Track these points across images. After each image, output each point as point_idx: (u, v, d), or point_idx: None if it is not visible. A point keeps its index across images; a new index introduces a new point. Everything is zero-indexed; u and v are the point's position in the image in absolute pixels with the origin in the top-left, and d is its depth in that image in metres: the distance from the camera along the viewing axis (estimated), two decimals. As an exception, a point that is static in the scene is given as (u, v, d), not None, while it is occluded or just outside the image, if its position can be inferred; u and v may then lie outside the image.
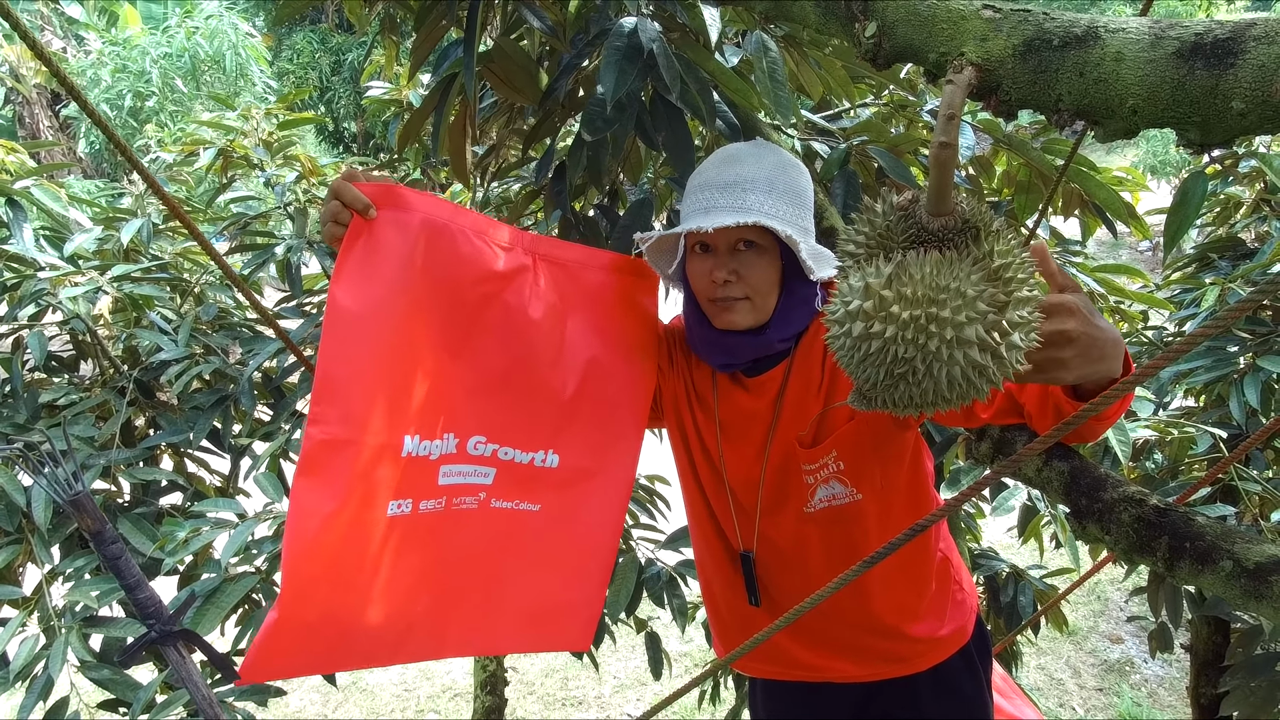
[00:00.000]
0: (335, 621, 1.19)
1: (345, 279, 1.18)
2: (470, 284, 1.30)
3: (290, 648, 1.16)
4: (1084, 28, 0.69)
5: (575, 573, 1.48)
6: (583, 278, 1.45)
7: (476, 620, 1.39)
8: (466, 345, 1.32)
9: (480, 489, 1.35)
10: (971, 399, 0.79)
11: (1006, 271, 0.76)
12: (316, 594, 1.15)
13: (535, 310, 1.38)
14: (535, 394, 1.40)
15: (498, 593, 1.41)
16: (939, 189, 0.76)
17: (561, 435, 1.43)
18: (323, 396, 1.16)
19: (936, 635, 1.55)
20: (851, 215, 0.95)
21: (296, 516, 1.13)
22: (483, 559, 1.38)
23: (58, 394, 2.23)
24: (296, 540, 1.12)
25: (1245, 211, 2.61)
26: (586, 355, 1.44)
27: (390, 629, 1.25)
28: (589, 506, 1.47)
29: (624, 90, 1.33)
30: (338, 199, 1.20)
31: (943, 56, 0.76)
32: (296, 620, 1.14)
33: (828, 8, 0.85)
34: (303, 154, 2.51)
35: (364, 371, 1.19)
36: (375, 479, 1.20)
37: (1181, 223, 0.95)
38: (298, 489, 1.14)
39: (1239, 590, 0.91)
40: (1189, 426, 2.23)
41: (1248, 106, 0.61)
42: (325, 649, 1.20)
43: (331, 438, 1.16)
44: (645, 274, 1.53)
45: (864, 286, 0.76)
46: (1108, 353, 0.98)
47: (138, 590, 0.98)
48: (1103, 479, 1.11)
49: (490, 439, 1.35)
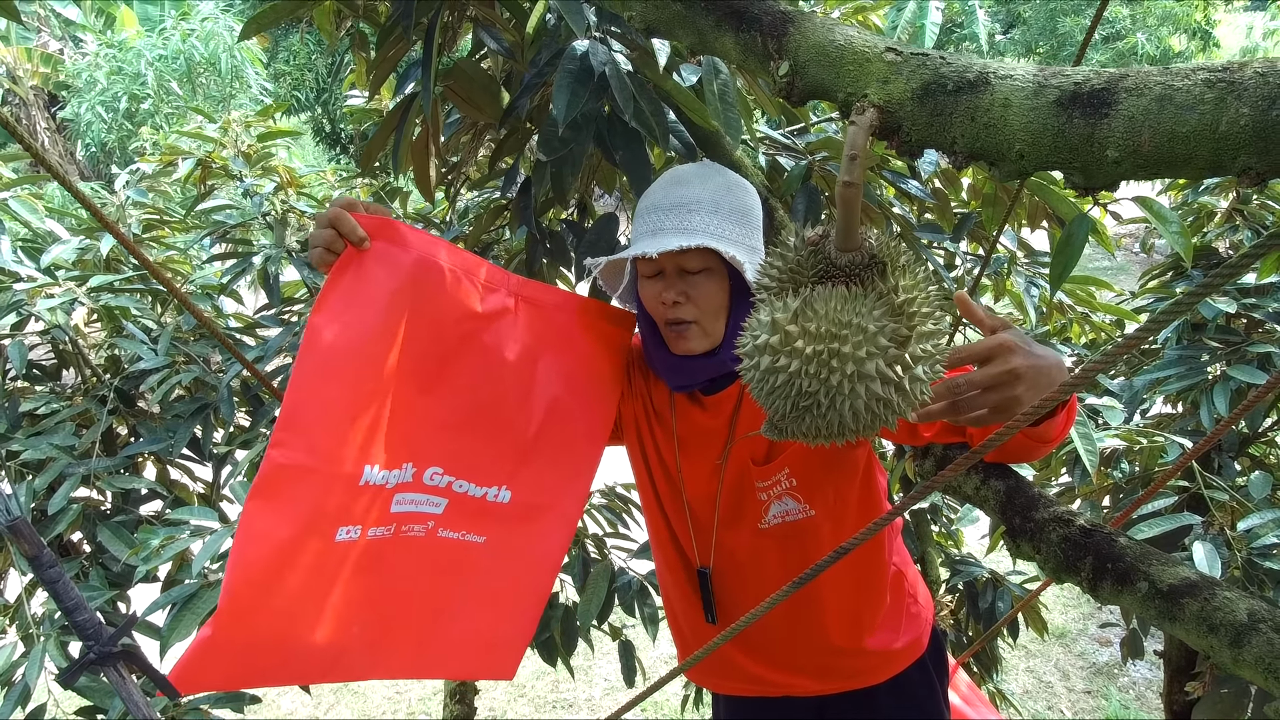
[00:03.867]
0: (270, 642, 1.18)
1: (328, 310, 1.17)
2: (452, 322, 1.31)
3: (221, 663, 1.16)
4: (976, 73, 0.71)
5: (511, 605, 1.49)
6: (556, 320, 1.46)
7: (410, 645, 1.39)
8: (439, 382, 1.32)
9: (430, 518, 1.35)
10: (879, 429, 0.81)
11: (911, 306, 0.78)
12: (255, 616, 1.15)
13: (510, 352, 1.39)
14: (500, 432, 1.40)
15: (436, 618, 1.41)
16: (846, 226, 0.78)
17: (518, 473, 1.44)
18: (289, 424, 1.15)
19: (892, 648, 1.57)
20: (767, 249, 0.97)
21: (245, 539, 1.12)
22: (424, 586, 1.38)
23: (39, 402, 2.26)
24: (242, 563, 1.11)
25: (1219, 221, 2.62)
26: (551, 395, 1.45)
27: (326, 651, 1.24)
28: (532, 543, 1.47)
29: (576, 112, 1.35)
30: (334, 228, 1.18)
31: (850, 96, 0.78)
32: (230, 639, 1.14)
33: (746, 45, 0.87)
34: (281, 165, 2.54)
35: (334, 403, 1.18)
36: (329, 507, 1.19)
37: (1066, 264, 0.97)
38: (250, 511, 1.13)
39: (1154, 611, 0.93)
40: (1158, 436, 2.25)
41: (1121, 155, 0.63)
42: (257, 666, 1.20)
43: (292, 463, 1.15)
44: (619, 321, 1.55)
45: (771, 321, 0.79)
46: (1054, 377, 1.01)
47: (76, 613, 1.00)
48: (1035, 498, 1.13)
49: (447, 471, 1.35)
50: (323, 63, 12.71)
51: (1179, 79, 0.62)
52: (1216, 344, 2.40)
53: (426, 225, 2.69)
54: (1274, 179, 0.61)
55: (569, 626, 2.22)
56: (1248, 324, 2.50)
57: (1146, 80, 0.63)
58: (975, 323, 1.04)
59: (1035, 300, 2.26)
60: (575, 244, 1.86)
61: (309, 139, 13.29)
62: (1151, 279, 2.72)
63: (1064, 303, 2.33)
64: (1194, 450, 1.28)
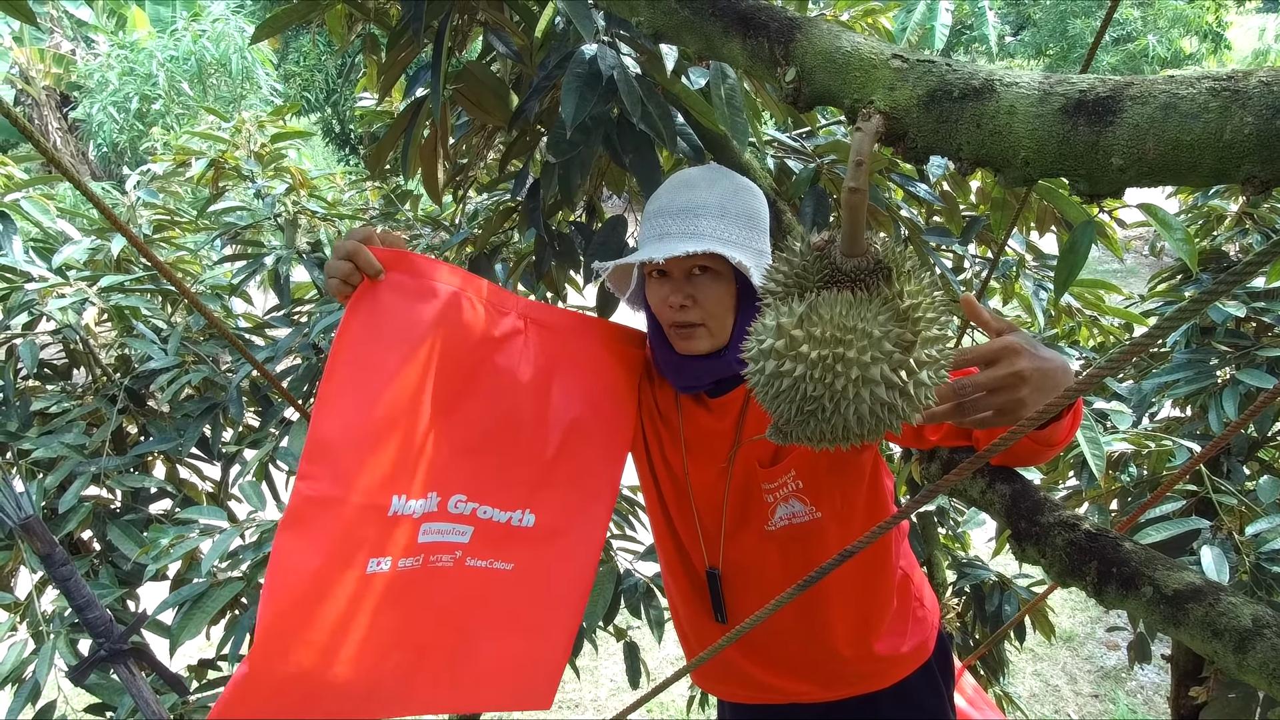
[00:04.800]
0: (305, 676, 1.17)
1: (348, 342, 1.18)
2: (468, 349, 1.32)
3: (257, 701, 1.15)
4: (981, 80, 0.72)
5: (542, 632, 1.48)
6: (570, 342, 1.47)
7: (443, 678, 1.38)
8: (457, 407, 1.32)
9: (457, 547, 1.35)
10: (884, 434, 0.82)
11: (916, 311, 0.79)
12: (290, 651, 1.14)
13: (524, 373, 1.39)
14: (518, 454, 1.41)
15: (466, 651, 1.40)
16: (851, 231, 0.78)
17: (539, 495, 1.43)
18: (314, 455, 1.15)
19: (898, 653, 1.57)
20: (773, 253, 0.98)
21: (278, 570, 1.12)
22: (454, 617, 1.37)
23: (50, 401, 2.28)
24: (276, 594, 1.11)
25: (1229, 224, 2.61)
26: (569, 417, 1.45)
27: (359, 685, 1.24)
28: (560, 567, 1.47)
29: (584, 115, 1.36)
30: (351, 261, 1.19)
31: (856, 103, 0.78)
32: (267, 675, 1.13)
33: (753, 51, 0.88)
34: (294, 166, 2.55)
35: (357, 434, 1.19)
36: (358, 537, 1.19)
37: (1071, 269, 0.97)
38: (281, 543, 1.13)
39: (1159, 616, 0.93)
40: (1166, 440, 2.24)
41: (1126, 163, 0.64)
42: (291, 702, 1.19)
43: (319, 495, 1.15)
44: (632, 341, 1.56)
45: (776, 325, 0.79)
46: (1059, 380, 1.01)
47: (88, 610, 1.01)
48: (1041, 502, 1.13)
49: (471, 497, 1.35)
50: (333, 64, 12.75)
51: (1184, 87, 0.63)
52: (1225, 348, 2.39)
53: (436, 227, 2.71)
54: (1278, 187, 0.62)
55: (575, 627, 2.22)
56: (1257, 328, 2.49)
57: (1151, 88, 0.63)
58: (981, 325, 1.05)
59: (1043, 303, 2.26)
60: (584, 246, 1.86)
61: (319, 140, 13.33)
62: (1160, 282, 2.71)
63: (1072, 306, 2.33)
64: (1201, 454, 1.28)
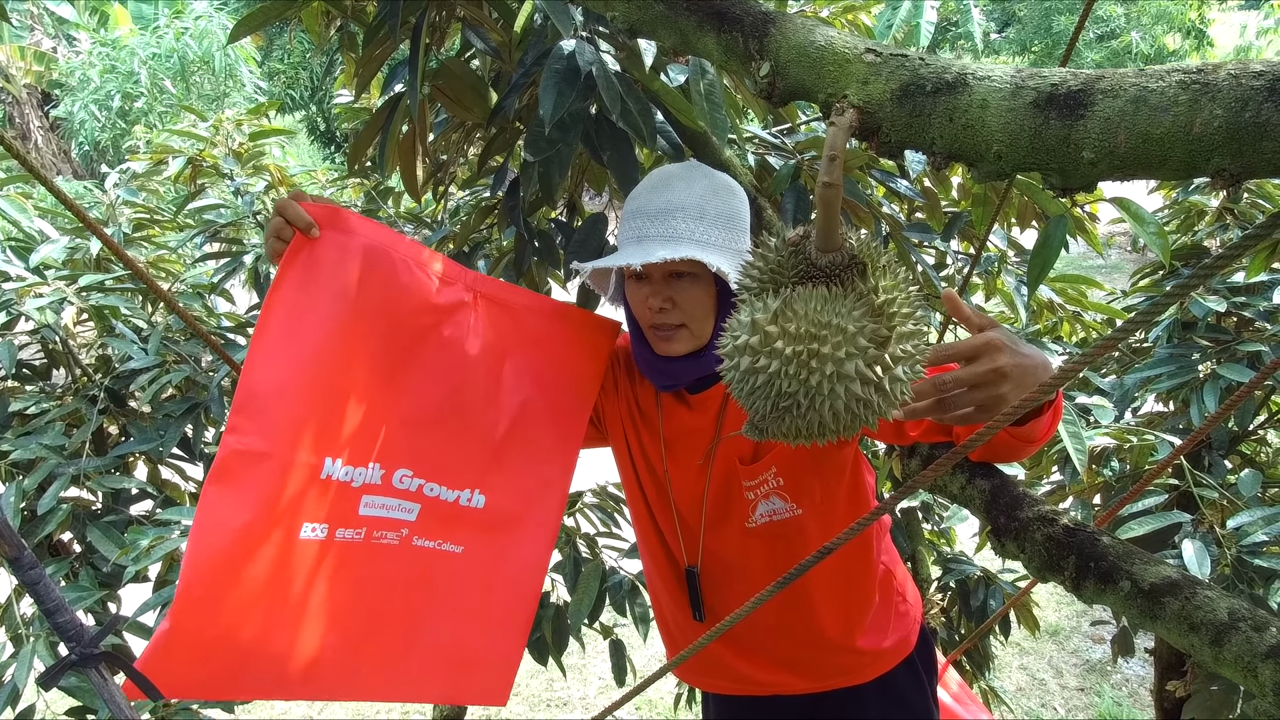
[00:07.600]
0: (235, 641, 1.15)
1: (281, 294, 1.18)
2: (407, 313, 1.30)
3: (185, 662, 1.12)
4: (954, 74, 0.71)
5: (495, 621, 1.45)
6: (526, 321, 1.45)
7: (390, 663, 1.35)
8: (399, 374, 1.31)
9: (403, 524, 1.33)
10: (860, 429, 0.81)
11: (891, 307, 0.78)
12: (215, 608, 1.11)
13: (472, 347, 1.38)
14: (466, 430, 1.39)
15: (414, 636, 1.37)
16: (826, 227, 0.78)
17: (489, 475, 1.42)
18: (243, 407, 1.14)
19: (880, 647, 1.58)
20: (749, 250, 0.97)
21: (203, 525, 1.10)
22: (401, 598, 1.34)
23: (28, 402, 2.25)
24: (199, 549, 1.09)
25: (1209, 220, 2.63)
26: (521, 397, 1.44)
27: (296, 659, 1.21)
28: (513, 553, 1.45)
29: (562, 112, 1.35)
30: (281, 216, 1.22)
31: (830, 97, 0.78)
32: (191, 633, 1.10)
33: (728, 45, 0.88)
34: (272, 164, 2.53)
35: (288, 387, 1.18)
36: (290, 497, 1.17)
37: (1044, 263, 0.97)
38: (207, 497, 1.11)
39: (1136, 610, 0.94)
40: (1148, 434, 2.25)
41: (1097, 156, 0.64)
42: (225, 670, 1.17)
43: (247, 449, 1.14)
44: (599, 328, 1.53)
45: (751, 321, 0.79)
46: (1040, 376, 1.01)
47: (57, 614, 0.99)
48: (1020, 497, 1.13)
49: (417, 473, 1.33)
50: (317, 61, 12.69)
51: (1154, 80, 0.62)
52: (1207, 342, 2.41)
53: (417, 224, 2.69)
54: (1248, 180, 0.62)
55: (560, 625, 2.22)
56: (1238, 322, 2.50)
57: (1122, 82, 0.63)
58: (963, 321, 1.04)
59: (1026, 299, 2.27)
60: (564, 244, 1.86)
61: (304, 138, 13.27)
62: (1143, 278, 2.72)
63: (1054, 301, 2.33)
64: (1180, 447, 1.29)
